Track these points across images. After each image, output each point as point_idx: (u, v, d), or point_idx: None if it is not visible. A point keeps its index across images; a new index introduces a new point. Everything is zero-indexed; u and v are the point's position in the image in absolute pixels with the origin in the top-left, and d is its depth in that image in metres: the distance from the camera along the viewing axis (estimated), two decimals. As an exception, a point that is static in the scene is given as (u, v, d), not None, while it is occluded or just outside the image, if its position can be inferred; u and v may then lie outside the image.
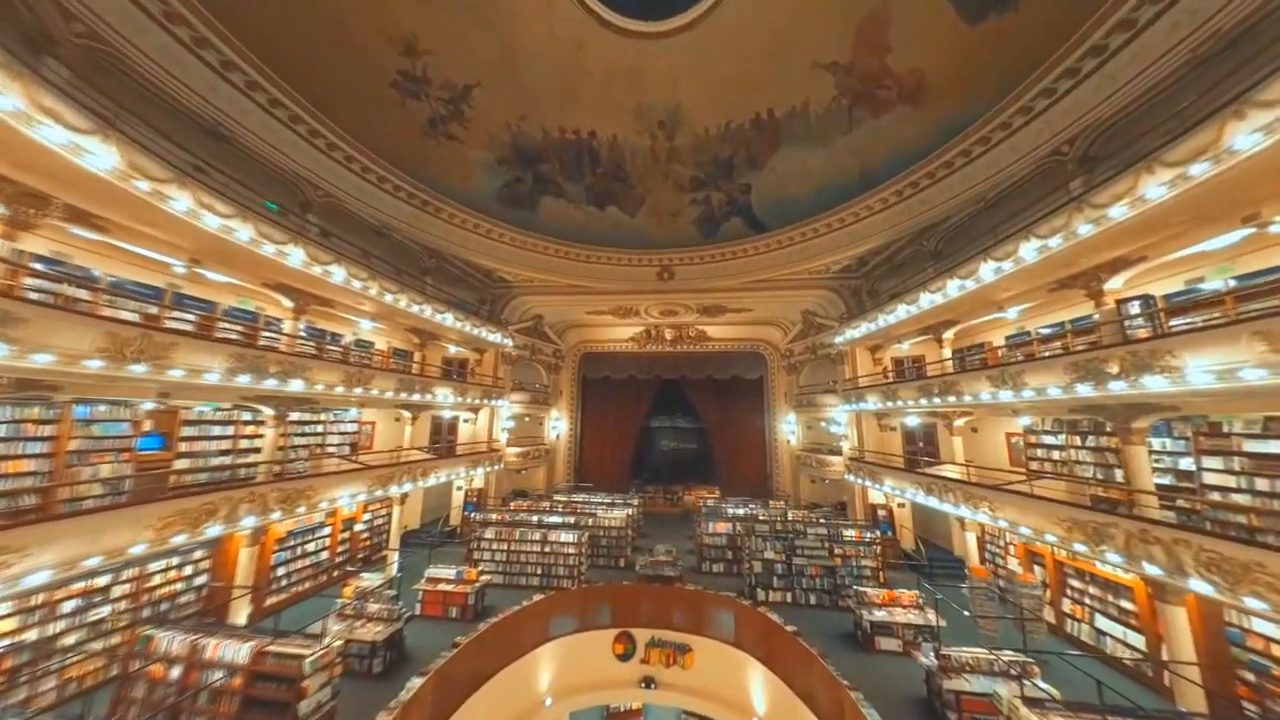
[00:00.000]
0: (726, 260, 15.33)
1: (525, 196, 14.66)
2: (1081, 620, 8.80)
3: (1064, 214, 6.85)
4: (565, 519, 12.81)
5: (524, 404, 17.29)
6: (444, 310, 12.22)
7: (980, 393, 8.63)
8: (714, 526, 12.58)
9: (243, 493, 7.12)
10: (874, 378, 14.12)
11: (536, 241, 14.86)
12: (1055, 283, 8.14)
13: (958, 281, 9.21)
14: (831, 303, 15.74)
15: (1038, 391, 7.39)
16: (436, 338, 13.58)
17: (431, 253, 13.50)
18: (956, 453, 10.90)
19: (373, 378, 9.85)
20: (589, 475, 20.35)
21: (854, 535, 11.90)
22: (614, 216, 15.63)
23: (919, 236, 12.16)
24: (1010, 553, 10.81)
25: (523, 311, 17.39)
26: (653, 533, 16.50)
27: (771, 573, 10.57)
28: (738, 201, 15.03)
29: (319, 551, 10.72)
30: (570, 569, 11.09)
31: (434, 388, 12.11)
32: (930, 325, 11.46)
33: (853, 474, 13.84)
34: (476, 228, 13.61)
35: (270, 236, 7.51)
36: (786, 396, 18.79)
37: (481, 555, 11.40)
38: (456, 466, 12.98)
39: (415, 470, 11.14)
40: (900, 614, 8.76)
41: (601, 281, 15.98)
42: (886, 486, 11.85)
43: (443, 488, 14.75)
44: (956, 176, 10.36)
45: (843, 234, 13.06)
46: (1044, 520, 7.23)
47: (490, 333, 14.77)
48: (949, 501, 9.43)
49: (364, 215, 11.31)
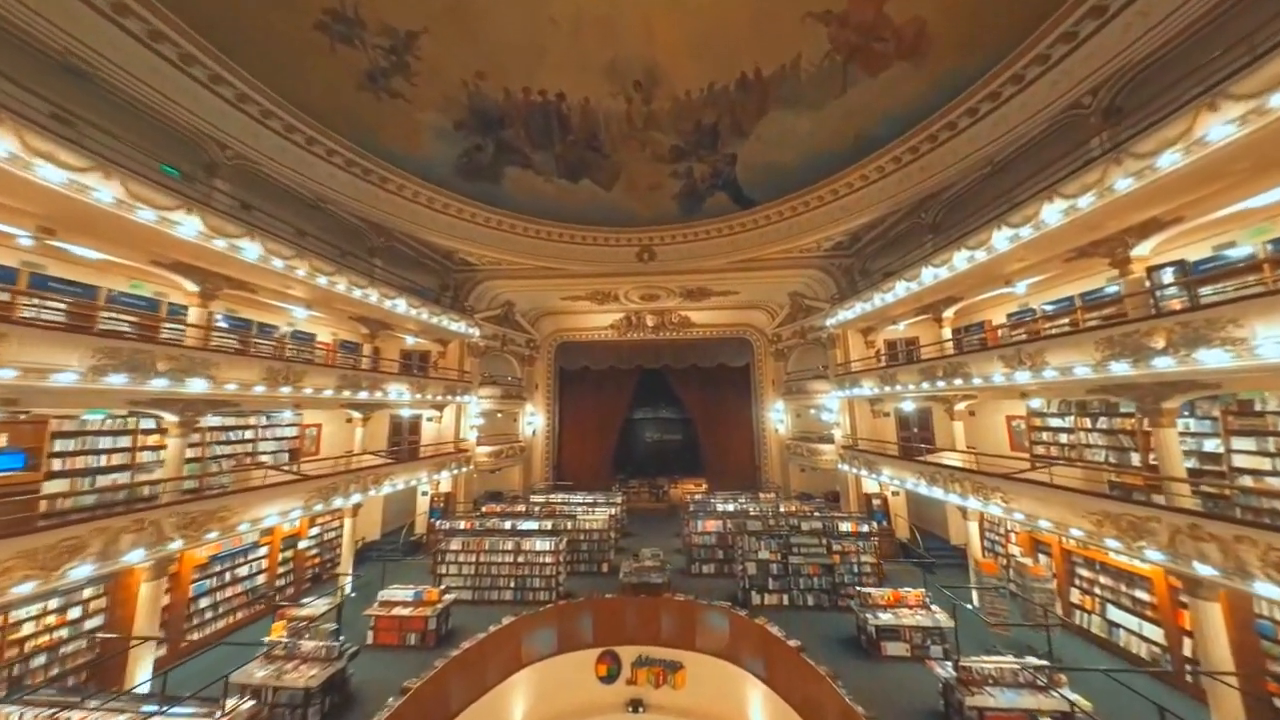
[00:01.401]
0: (711, 238, 14.25)
1: (487, 167, 13.14)
2: (1091, 611, 8.31)
3: (1098, 168, 6.01)
4: (542, 523, 11.69)
5: (495, 399, 15.96)
6: (394, 296, 10.74)
7: (992, 374, 7.88)
8: (702, 525, 11.71)
9: (125, 521, 5.71)
10: (867, 362, 13.40)
11: (501, 218, 13.41)
12: (1074, 251, 7.38)
13: (966, 253, 8.38)
14: (822, 283, 14.90)
15: (1061, 371, 6.64)
16: (389, 328, 12.08)
17: (379, 231, 11.90)
18: (957, 438, 10.26)
19: (305, 374, 8.40)
20: (569, 473, 19.25)
21: (850, 528, 11.25)
22: (588, 190, 14.27)
23: (917, 208, 11.33)
24: (1012, 540, 10.32)
25: (490, 298, 15.94)
26: (638, 531, 15.59)
27: (766, 574, 9.77)
28: (722, 174, 13.89)
29: (254, 575, 9.30)
30: (547, 580, 10.03)
31: (386, 384, 10.69)
32: (930, 304, 10.71)
33: (846, 463, 13.18)
34: (431, 202, 12.07)
35: (150, 200, 5.97)
36: (774, 384, 18.04)
37: (447, 570, 10.19)
38: (418, 471, 11.65)
39: (366, 478, 9.78)
40: (907, 615, 8.07)
41: (576, 263, 14.68)
42: (883, 476, 11.19)
43: (407, 493, 13.39)
44: (962, 138, 9.49)
45: (835, 207, 12.13)
46: (1068, 513, 6.54)
47: (452, 322, 13.32)
48: (955, 492, 8.75)
49: (291, 184, 9.66)
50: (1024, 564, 8.31)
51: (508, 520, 11.91)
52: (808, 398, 15.85)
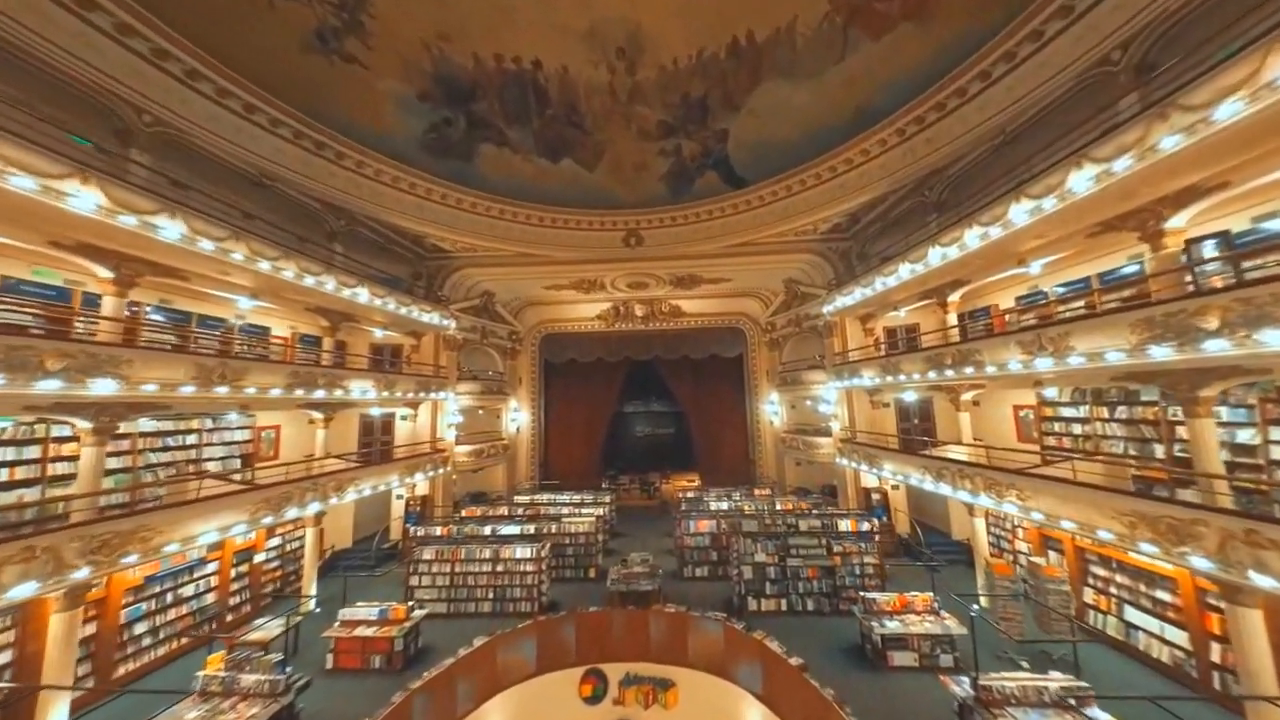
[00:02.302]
0: (701, 221, 13.40)
1: (458, 144, 12.09)
2: (1107, 612, 7.81)
3: (1137, 126, 5.29)
4: (524, 528, 10.94)
5: (475, 395, 15.06)
6: (354, 284, 9.75)
7: (1008, 361, 7.22)
8: (695, 526, 11.04)
9: (10, 549, 4.80)
10: (866, 351, 12.75)
11: (476, 200, 12.40)
12: (1098, 226, 6.69)
13: (978, 230, 7.67)
14: (818, 268, 14.17)
15: (1089, 357, 5.98)
16: (354, 320, 11.09)
17: (338, 213, 10.85)
18: (964, 430, 9.66)
19: (246, 372, 7.44)
20: (556, 470, 18.49)
21: (850, 526, 10.66)
22: (570, 171, 13.30)
23: (920, 186, 10.59)
24: (1019, 536, 9.82)
25: (468, 287, 14.96)
26: (628, 531, 14.93)
27: (763, 578, 9.15)
28: (713, 152, 13.01)
29: (201, 595, 8.42)
30: (528, 590, 9.30)
31: (347, 381, 9.75)
32: (935, 288, 10.02)
33: (845, 457, 12.59)
34: (395, 181, 11.02)
35: (28, 166, 4.97)
36: (768, 375, 17.37)
37: (420, 581, 9.40)
38: (387, 474, 10.77)
39: (326, 486, 8.89)
40: (915, 622, 7.48)
41: (558, 249, 13.75)
42: (885, 472, 10.59)
43: (381, 496, 12.51)
44: (971, 106, 8.72)
45: (834, 185, 11.34)
46: (1094, 513, 5.94)
47: (424, 313, 12.35)
48: (964, 489, 8.15)
49: (231, 159, 8.58)
50: (1037, 564, 7.76)
51: (488, 525, 11.13)
52: (803, 389, 15.21)
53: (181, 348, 8.16)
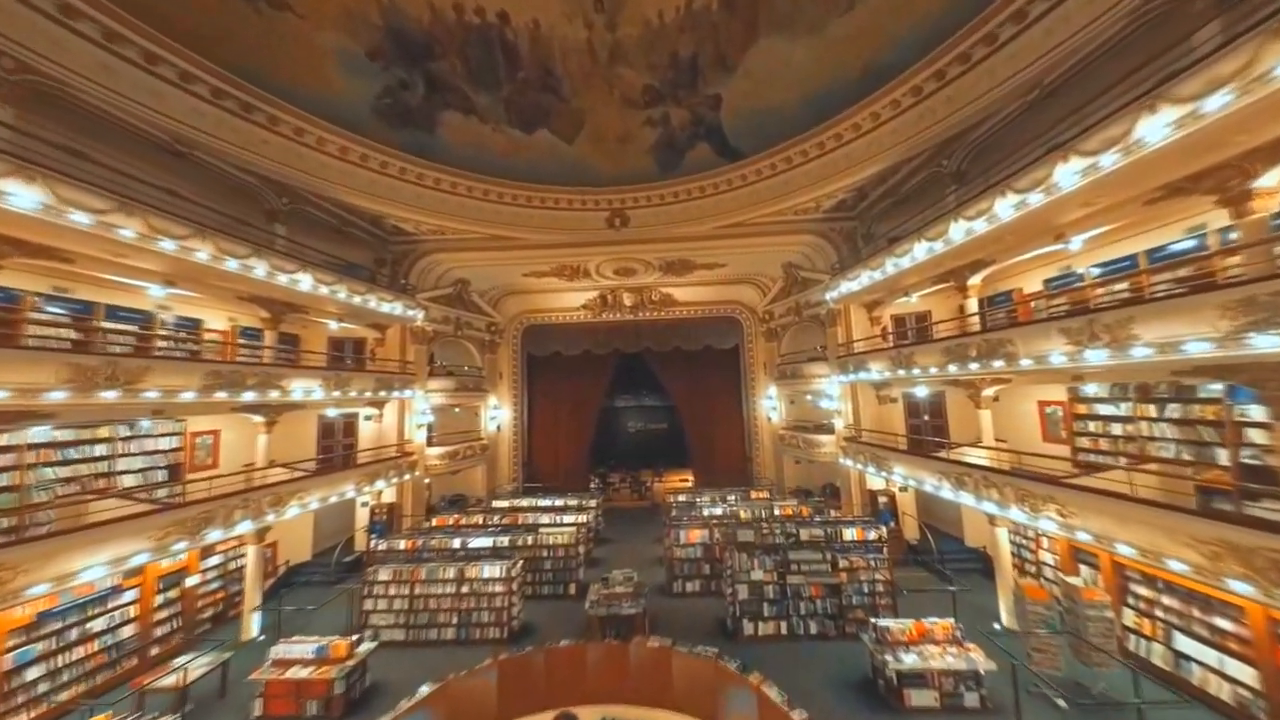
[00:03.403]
0: (693, 199, 12.15)
1: (417, 111, 10.74)
2: (1151, 638, 6.85)
3: (1238, 53, 4.12)
4: (497, 540, 9.89)
5: (448, 392, 13.91)
6: (293, 269, 8.52)
7: (1049, 353, 6.12)
8: (686, 536, 10.02)
9: None
10: (873, 342, 11.65)
11: (439, 175, 11.09)
12: (1163, 189, 5.57)
13: (1013, 199, 6.51)
14: (820, 251, 12.99)
15: (1160, 348, 4.88)
16: (301, 310, 9.86)
17: (279, 190, 9.54)
18: (985, 430, 8.61)
19: (145, 373, 6.24)
20: (540, 470, 17.44)
21: (856, 535, 9.67)
22: (546, 143, 11.99)
23: (936, 154, 9.38)
24: (1043, 546, 8.85)
25: (438, 275, 13.70)
26: (616, 536, 13.94)
27: (761, 598, 8.15)
28: (705, 120, 11.71)
29: (117, 628, 7.33)
30: (498, 613, 8.28)
31: (286, 380, 8.56)
32: (953, 269, 8.89)
33: (849, 457, 11.56)
34: (344, 152, 9.70)
35: None
36: (766, 367, 16.28)
37: (375, 605, 8.35)
38: (341, 484, 9.65)
39: (261, 500, 7.76)
40: (935, 655, 6.50)
41: (535, 231, 12.49)
42: (895, 475, 9.56)
43: (346, 503, 11.40)
44: (1001, 56, 7.48)
45: (839, 155, 10.10)
46: (1163, 539, 4.91)
47: (384, 302, 11.12)
48: (990, 499, 7.12)
49: (135, 121, 7.26)
50: (1073, 585, 6.76)
51: (457, 537, 10.07)
52: (804, 383, 14.14)
53: (84, 345, 6.97)
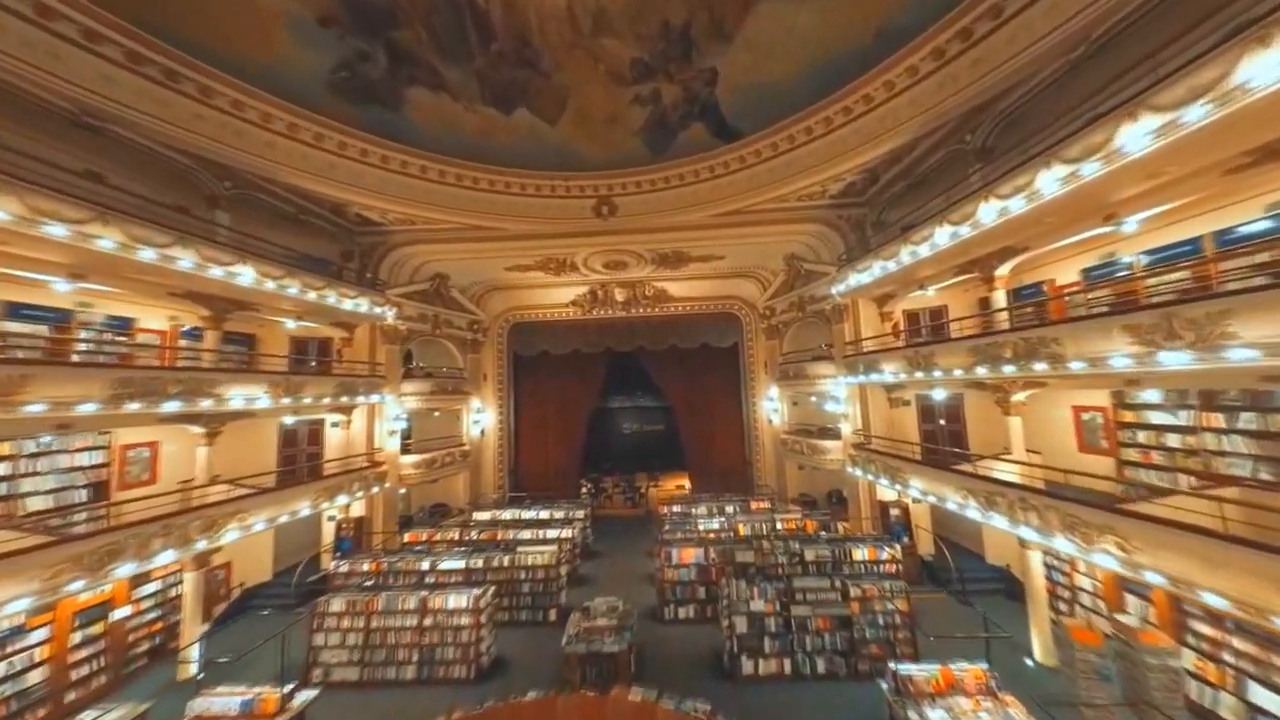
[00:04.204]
0: (686, 184, 11.13)
1: (380, 86, 9.68)
2: (1219, 686, 5.89)
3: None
4: (470, 560, 8.95)
5: (425, 395, 12.94)
6: (230, 261, 7.51)
7: (1109, 355, 5.12)
8: (679, 555, 9.07)
9: None
10: (885, 340, 10.65)
11: (407, 158, 10.07)
12: (1257, 153, 4.56)
13: (1061, 171, 5.50)
14: (825, 241, 11.97)
15: (1266, 349, 3.88)
16: (250, 307, 8.85)
17: (221, 172, 8.52)
18: (1015, 439, 7.62)
19: (23, 384, 5.25)
20: (528, 477, 16.49)
21: (867, 554, 8.74)
22: (525, 124, 10.93)
23: (959, 128, 8.35)
24: (1079, 570, 7.88)
25: (413, 269, 12.69)
26: (605, 548, 13.00)
27: (762, 631, 7.20)
28: (699, 97, 10.64)
29: (22, 673, 6.38)
30: (464, 649, 7.33)
31: (221, 387, 7.57)
32: (978, 258, 7.89)
33: (858, 467, 10.59)
34: (294, 130, 8.67)
35: None
36: (767, 367, 15.29)
37: (325, 640, 7.40)
38: (293, 501, 8.68)
39: (188, 527, 6.78)
40: (966, 710, 5.54)
41: (515, 220, 11.48)
42: (911, 489, 8.58)
43: (311, 518, 10.41)
44: (1038, 8, 6.43)
45: (848, 132, 9.06)
46: (1270, 589, 3.91)
47: (347, 299, 10.12)
48: (1029, 525, 6.14)
49: (22, 86, 6.23)
50: (1128, 625, 5.79)
51: (428, 557, 9.13)
52: (807, 383, 13.15)
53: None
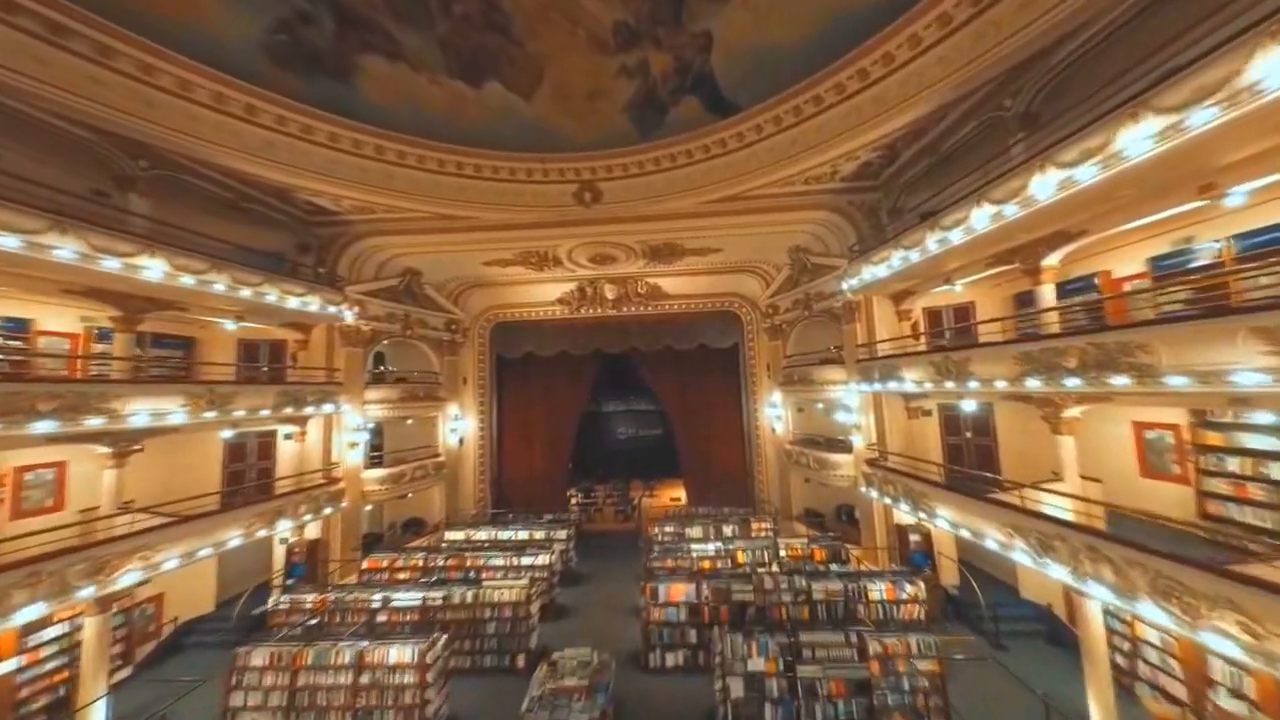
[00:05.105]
0: (678, 167, 9.87)
1: (327, 53, 8.47)
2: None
3: None
4: (428, 596, 7.81)
5: (393, 403, 11.80)
6: (132, 252, 6.36)
7: (1230, 368, 3.83)
8: (667, 591, 7.87)
9: None
10: (903, 342, 9.37)
11: (360, 137, 8.88)
12: None
13: (1154, 125, 4.21)
14: (835, 231, 10.69)
15: None
16: (174, 306, 7.71)
17: (133, 149, 7.36)
18: (1067, 463, 6.32)
19: None
20: (512, 487, 15.35)
21: (885, 592, 7.51)
22: (497, 99, 9.69)
23: (996, 93, 7.05)
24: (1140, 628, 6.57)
25: (379, 263, 11.54)
26: (590, 570, 11.84)
27: (762, 696, 5.99)
28: (692, 66, 9.35)
29: None
30: (407, 711, 6.17)
31: (116, 402, 6.39)
32: (1021, 246, 6.59)
33: (873, 488, 9.33)
34: (219, 101, 7.47)
35: None
36: (770, 369, 14.03)
37: (245, 699, 6.27)
38: (225, 529, 7.53)
39: (67, 572, 5.64)
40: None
41: (487, 208, 10.28)
42: (938, 520, 7.31)
43: (261, 541, 9.29)
44: (1109, -69, 5.15)
45: (865, 99, 7.76)
46: None
47: (292, 296, 8.97)
48: (1102, 582, 4.86)
49: None
50: (1227, 710, 4.52)
51: (379, 591, 8.01)
52: (814, 389, 11.89)
53: None
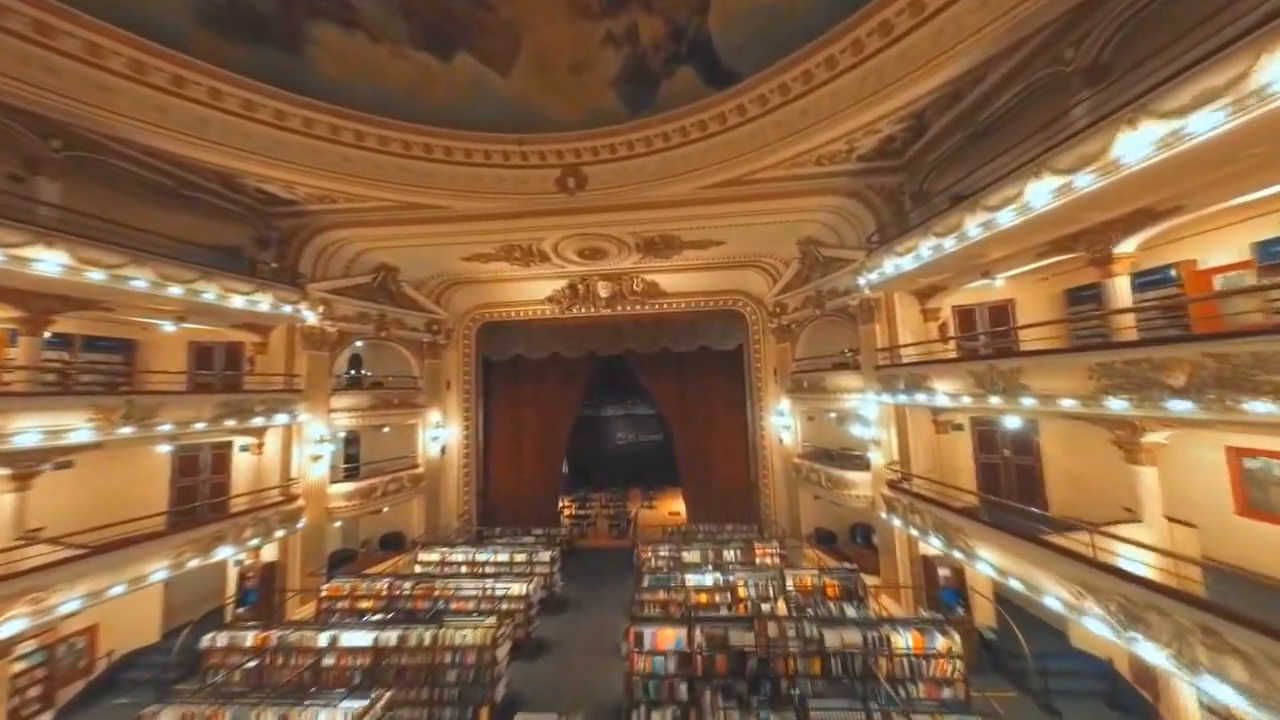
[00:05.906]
0: (672, 147, 8.73)
1: (271, 21, 7.50)
2: None
3: None
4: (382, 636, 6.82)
5: (364, 411, 10.86)
6: (19, 243, 5.43)
7: None
8: (654, 639, 6.74)
9: None
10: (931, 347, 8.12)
11: (311, 115, 7.90)
12: None
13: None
14: (850, 220, 9.45)
15: None
16: (93, 306, 6.81)
17: (44, 127, 6.46)
18: (1146, 502, 5.05)
19: None
20: (500, 498, 14.36)
21: (911, 642, 6.31)
22: (469, 73, 8.66)
23: (1052, 43, 5.78)
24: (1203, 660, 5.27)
25: (348, 258, 10.60)
26: (577, 595, 10.78)
27: (762, 784, 4.84)
28: (686, 31, 8.20)
29: None
30: (337, 789, 5.16)
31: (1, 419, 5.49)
32: (1087, 230, 5.34)
33: (895, 515, 8.08)
34: (139, 70, 6.52)
35: None
36: (777, 375, 12.82)
37: (150, 767, 5.32)
38: (146, 562, 6.58)
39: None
40: None
41: (460, 196, 9.26)
42: (979, 564, 6.06)
43: (213, 563, 8.39)
44: None
45: (890, 58, 6.50)
46: None
47: (238, 294, 8.04)
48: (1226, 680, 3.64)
49: None
50: None
51: (328, 630, 7.04)
52: (827, 397, 10.66)
53: None
